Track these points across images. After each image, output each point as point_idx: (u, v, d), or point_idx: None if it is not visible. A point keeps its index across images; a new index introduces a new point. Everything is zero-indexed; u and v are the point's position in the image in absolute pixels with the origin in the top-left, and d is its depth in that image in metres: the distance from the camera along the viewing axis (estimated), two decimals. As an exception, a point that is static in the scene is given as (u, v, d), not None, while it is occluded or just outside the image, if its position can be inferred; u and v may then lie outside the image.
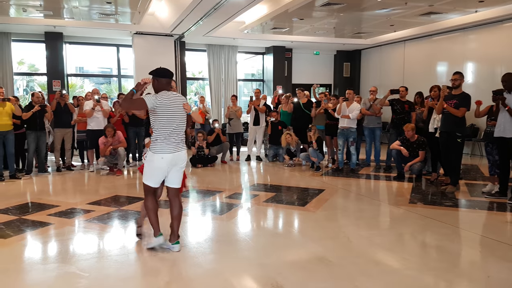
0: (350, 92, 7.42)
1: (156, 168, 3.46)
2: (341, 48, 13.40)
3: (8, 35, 10.32)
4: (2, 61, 10.31)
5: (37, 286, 2.99)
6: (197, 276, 3.11)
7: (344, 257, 3.47)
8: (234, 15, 8.74)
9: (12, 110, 6.69)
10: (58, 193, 6.02)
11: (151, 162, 3.47)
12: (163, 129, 3.43)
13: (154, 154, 3.45)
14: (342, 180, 6.84)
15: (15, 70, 10.91)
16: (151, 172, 3.51)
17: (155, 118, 3.44)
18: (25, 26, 9.78)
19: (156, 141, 3.45)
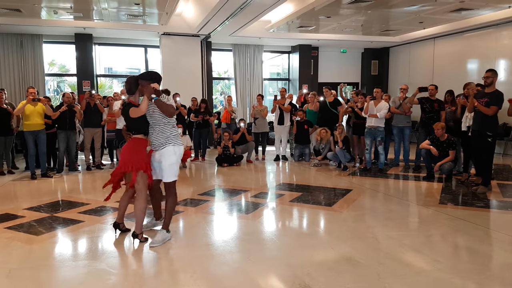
0: (378, 91, 7.28)
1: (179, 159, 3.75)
2: (368, 46, 13.17)
3: (40, 37, 10.66)
4: (34, 62, 10.65)
5: (68, 282, 3.06)
6: (224, 274, 3.11)
7: (373, 258, 3.40)
8: (260, 15, 8.72)
9: (43, 110, 6.90)
10: (88, 192, 6.16)
11: (178, 156, 3.73)
12: (175, 123, 3.80)
13: (180, 147, 3.75)
14: (369, 180, 6.72)
15: (46, 71, 11.25)
16: (177, 166, 3.78)
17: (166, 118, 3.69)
18: (56, 28, 10.07)
19: (175, 136, 3.74)
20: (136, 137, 3.76)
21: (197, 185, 6.66)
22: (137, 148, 3.71)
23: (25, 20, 9.27)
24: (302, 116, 8.54)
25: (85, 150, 7.93)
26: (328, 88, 8.36)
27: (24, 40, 10.51)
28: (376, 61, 13.75)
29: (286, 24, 10.11)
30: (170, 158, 3.67)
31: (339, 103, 8.36)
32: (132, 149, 3.71)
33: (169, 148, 3.66)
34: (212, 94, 12.46)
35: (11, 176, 7.17)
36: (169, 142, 3.67)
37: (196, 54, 11.49)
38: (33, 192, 6.08)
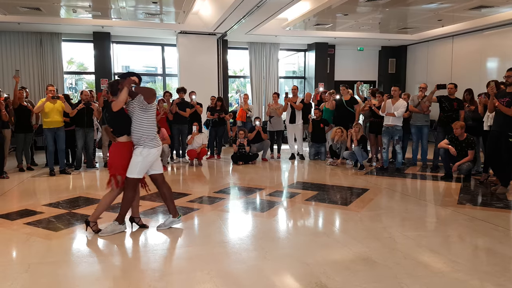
0: (396, 89, 7.17)
1: (150, 161, 3.87)
2: (386, 44, 13.00)
3: (59, 35, 10.83)
4: (53, 60, 10.83)
5: (86, 278, 3.10)
6: (240, 272, 3.11)
7: (390, 258, 3.36)
8: (276, 13, 8.69)
9: (62, 107, 7.02)
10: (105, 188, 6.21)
11: (148, 156, 3.83)
12: (153, 126, 3.90)
13: (151, 149, 3.84)
14: (386, 180, 6.64)
15: (65, 69, 11.42)
16: (143, 165, 3.86)
17: (148, 115, 3.83)
18: (74, 26, 10.22)
19: (150, 138, 3.84)
20: (120, 140, 3.89)
21: (212, 183, 6.68)
22: (121, 153, 3.89)
23: (45, 19, 9.44)
24: (319, 115, 8.48)
25: (102, 147, 8.04)
26: (345, 87, 8.28)
27: (44, 39, 10.71)
28: (394, 59, 13.56)
29: (303, 22, 10.05)
30: (136, 157, 3.84)
31: (356, 101, 8.27)
32: (116, 154, 3.93)
33: (138, 149, 3.84)
34: (228, 92, 12.49)
35: (30, 173, 7.32)
36: (140, 144, 3.83)
37: (212, 53, 11.52)
38: (52, 188, 6.19)
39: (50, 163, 7.15)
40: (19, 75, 7.26)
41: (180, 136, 8.61)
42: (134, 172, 3.85)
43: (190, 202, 5.27)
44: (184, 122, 8.50)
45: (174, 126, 8.42)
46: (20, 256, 3.47)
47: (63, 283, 2.98)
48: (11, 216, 4.62)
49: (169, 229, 4.16)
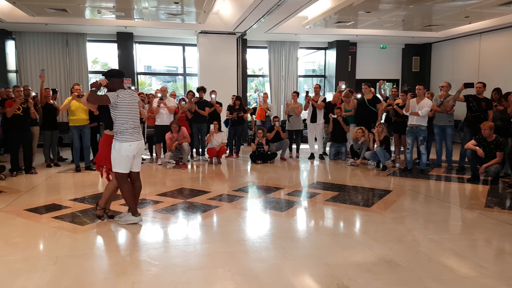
0: (420, 88, 7.00)
1: (125, 155, 3.98)
2: (410, 41, 12.76)
3: (84, 36, 11.09)
4: (78, 60, 11.10)
5: (111, 271, 3.17)
6: (261, 271, 3.12)
7: (413, 261, 3.30)
8: (296, 11, 8.65)
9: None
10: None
11: (120, 151, 3.96)
12: (125, 121, 3.97)
13: (122, 143, 3.95)
14: (410, 181, 6.52)
15: (90, 69, 11.68)
16: (121, 160, 3.99)
17: (117, 112, 3.96)
18: (99, 27, 10.44)
19: (121, 132, 3.96)
20: (106, 133, 4.23)
21: (231, 181, 6.71)
22: (105, 145, 4.19)
23: (71, 20, 9.68)
24: (339, 114, 8.40)
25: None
26: (367, 85, 8.16)
27: (70, 39, 10.98)
28: (418, 57, 13.31)
29: (323, 20, 9.96)
30: (112, 151, 4.04)
31: (378, 100, 8.14)
32: (101, 145, 4.28)
33: (113, 142, 4.03)
34: (246, 91, 12.51)
35: (57, 169, 7.52)
36: (115, 138, 4.01)
37: (232, 52, 11.57)
38: (78, 184, 6.35)
39: (76, 160, 7.34)
40: (44, 75, 7.48)
41: (199, 135, 8.70)
42: (115, 166, 4.03)
43: (209, 199, 5.31)
44: (203, 121, 8.58)
45: (193, 125, 8.52)
46: (48, 249, 3.58)
47: (90, 276, 3.06)
48: (39, 210, 4.77)
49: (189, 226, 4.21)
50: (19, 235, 3.90)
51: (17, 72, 10.87)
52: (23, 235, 3.91)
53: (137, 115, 4.13)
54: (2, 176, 6.53)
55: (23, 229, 4.08)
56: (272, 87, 12.50)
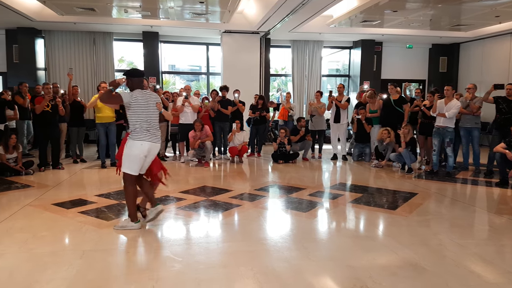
0: (448, 89, 6.81)
1: (135, 155, 3.85)
2: (437, 41, 12.47)
3: (111, 35, 11.31)
4: (105, 58, 11.33)
5: (135, 266, 3.22)
6: (283, 271, 3.10)
7: (440, 265, 3.23)
8: (321, 10, 8.58)
9: (114, 103, 7.32)
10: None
11: (131, 149, 3.86)
12: (138, 121, 3.87)
13: (134, 141, 3.86)
14: (436, 184, 6.36)
15: (116, 67, 11.88)
16: (130, 158, 3.87)
17: (130, 112, 3.90)
18: (125, 26, 10.62)
19: (134, 131, 3.88)
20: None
21: (253, 180, 6.71)
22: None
23: (98, 19, 9.88)
24: (364, 114, 8.28)
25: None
26: (393, 85, 7.99)
27: (97, 38, 11.22)
28: (445, 57, 12.99)
29: (349, 19, 9.83)
30: (125, 148, 3.92)
31: (405, 101, 7.95)
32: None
33: (128, 141, 3.92)
34: (269, 90, 12.50)
35: (83, 165, 7.69)
36: (130, 136, 3.92)
37: (255, 51, 11.58)
38: (103, 180, 6.48)
39: (102, 156, 7.50)
40: (72, 73, 7.66)
41: (221, 134, 8.73)
42: (125, 165, 3.91)
43: (231, 198, 5.32)
44: (226, 119, 8.62)
45: (216, 123, 8.56)
46: (74, 243, 3.67)
47: (115, 270, 3.12)
48: (66, 204, 4.89)
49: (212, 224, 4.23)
50: (46, 228, 4.00)
51: (46, 69, 11.19)
52: (51, 229, 4.01)
53: (153, 116, 3.97)
54: (30, 171, 6.73)
55: (51, 223, 4.19)
56: (295, 87, 12.44)
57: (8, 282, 2.87)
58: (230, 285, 2.87)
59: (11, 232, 3.88)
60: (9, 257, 3.28)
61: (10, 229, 3.98)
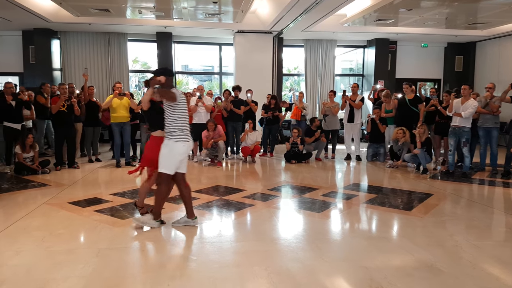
0: (465, 88, 6.69)
1: (176, 155, 3.81)
2: (452, 40, 12.27)
3: (125, 36, 11.41)
4: (119, 59, 11.44)
5: (151, 265, 3.25)
6: (297, 271, 3.09)
7: (456, 267, 3.18)
8: (335, 9, 8.51)
9: (128, 103, 7.40)
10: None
11: (173, 151, 3.79)
12: (183, 120, 3.84)
13: (176, 143, 3.79)
14: (452, 185, 6.27)
15: (130, 68, 12.01)
16: (170, 159, 3.82)
17: (176, 110, 3.79)
18: (139, 26, 10.71)
19: (176, 132, 3.80)
20: (154, 135, 4.05)
21: (265, 180, 6.70)
22: (153, 147, 3.99)
23: (113, 20, 9.99)
24: (378, 114, 8.21)
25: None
26: (408, 84, 7.89)
27: (111, 39, 11.33)
28: (461, 56, 12.77)
29: (363, 17, 9.75)
30: (162, 149, 3.84)
31: (420, 100, 7.83)
32: (148, 147, 4.08)
33: (165, 140, 3.85)
34: (282, 90, 12.46)
35: (98, 164, 7.78)
36: (168, 136, 3.84)
37: (268, 51, 11.57)
38: (118, 179, 6.55)
39: (116, 155, 7.58)
40: (88, 73, 7.74)
41: (234, 133, 8.75)
42: (162, 165, 3.83)
43: (244, 198, 5.33)
44: (238, 119, 8.62)
45: (229, 123, 8.57)
46: (90, 241, 3.71)
47: (130, 269, 3.15)
48: (82, 203, 4.96)
49: (225, 223, 4.24)
50: (63, 227, 4.07)
51: (62, 70, 11.36)
52: (67, 227, 4.07)
53: (187, 116, 3.99)
54: (47, 170, 6.84)
55: (67, 221, 4.26)
56: (308, 86, 12.38)
57: (26, 279, 2.92)
58: (245, 285, 2.88)
59: (29, 230, 3.95)
60: (27, 255, 3.34)
61: (27, 227, 4.05)
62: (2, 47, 10.89)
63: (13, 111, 7.11)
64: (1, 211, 4.64)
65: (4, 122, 7.10)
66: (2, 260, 3.22)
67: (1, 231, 3.88)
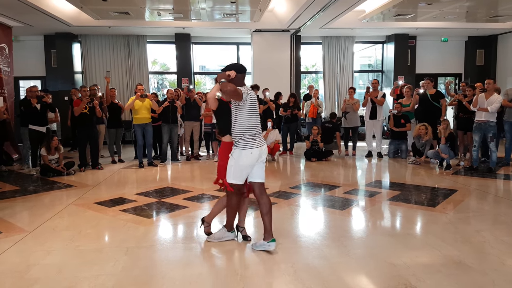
0: (490, 82, 6.57)
1: (244, 164, 3.36)
2: (473, 33, 12.03)
3: (144, 38, 11.59)
4: (139, 60, 11.62)
5: (177, 262, 3.29)
6: (324, 268, 3.09)
7: (485, 263, 3.13)
8: (354, 5, 8.46)
9: (150, 105, 7.52)
10: (189, 180, 6.56)
11: (240, 159, 3.35)
12: (252, 123, 3.36)
13: (243, 150, 3.33)
14: (476, 180, 6.16)
15: (150, 69, 12.19)
16: (240, 169, 3.38)
17: (243, 112, 3.34)
18: (158, 28, 10.87)
19: (244, 136, 3.34)
20: (224, 140, 3.62)
21: (286, 179, 6.70)
22: (223, 154, 3.58)
23: (132, 22, 10.16)
24: (399, 109, 8.11)
25: (185, 142, 8.47)
26: (430, 80, 7.76)
27: (131, 41, 11.52)
28: (482, 50, 12.52)
29: (381, 13, 9.65)
30: (230, 159, 3.43)
31: (442, 95, 7.71)
32: (220, 155, 3.66)
33: (233, 149, 3.43)
34: (299, 88, 12.43)
35: (121, 165, 7.93)
36: (235, 143, 3.40)
37: (285, 49, 11.56)
38: (141, 179, 6.65)
39: (139, 156, 7.71)
40: (109, 76, 7.89)
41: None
42: (230, 175, 3.43)
43: (267, 196, 5.33)
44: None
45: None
46: (118, 240, 3.78)
47: (158, 266, 3.20)
48: (107, 203, 5.06)
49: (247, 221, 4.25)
50: (91, 226, 4.16)
51: (83, 73, 11.61)
52: (95, 226, 4.16)
53: (259, 117, 3.49)
54: (71, 172, 7.00)
55: (94, 221, 4.35)
56: (326, 83, 12.32)
57: (58, 277, 2.99)
58: (272, 282, 2.90)
59: (57, 230, 4.05)
60: (57, 254, 3.43)
61: (56, 227, 4.15)
62: (25, 51, 11.20)
63: (38, 115, 7.31)
64: (30, 212, 4.77)
65: (29, 125, 7.31)
66: (34, 259, 3.31)
67: (31, 232, 3.99)
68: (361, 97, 9.44)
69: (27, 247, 3.59)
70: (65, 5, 8.89)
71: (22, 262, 3.25)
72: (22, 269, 3.12)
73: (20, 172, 7.38)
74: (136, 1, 8.24)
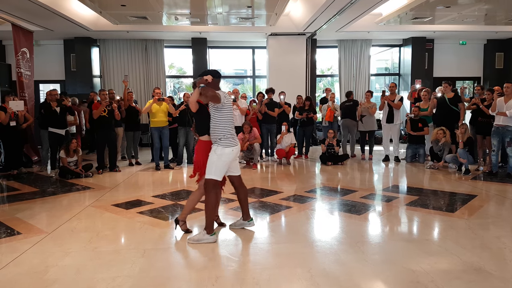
0: (509, 86, 6.44)
1: (225, 160, 3.72)
2: (492, 36, 11.81)
3: (162, 42, 11.73)
4: (156, 65, 11.76)
5: (194, 265, 3.32)
6: (341, 273, 3.07)
7: (506, 270, 3.08)
8: (370, 8, 8.40)
9: (167, 108, 7.61)
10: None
11: (222, 156, 3.69)
12: (229, 123, 3.75)
13: (225, 148, 3.69)
14: (496, 186, 6.04)
15: (167, 73, 12.31)
16: (222, 166, 3.73)
17: (221, 113, 3.71)
18: (175, 33, 10.98)
19: (224, 136, 3.70)
20: (201, 139, 3.90)
21: (301, 182, 6.67)
22: (201, 152, 3.88)
23: (150, 27, 10.30)
24: (417, 113, 8.01)
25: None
26: (448, 83, 7.65)
27: (148, 45, 11.68)
28: (502, 53, 12.27)
29: (398, 16, 9.57)
30: (210, 155, 3.74)
31: (460, 99, 7.61)
32: (197, 152, 3.94)
33: (213, 147, 3.75)
34: (315, 91, 12.39)
35: (138, 167, 8.02)
36: (215, 142, 3.74)
37: (301, 53, 11.54)
38: (158, 181, 6.72)
39: (156, 159, 7.80)
40: (127, 80, 8.01)
41: (269, 135, 8.78)
42: (210, 172, 3.70)
43: (281, 200, 5.34)
44: (272, 121, 8.65)
45: (263, 125, 8.62)
46: (135, 242, 3.82)
47: (175, 268, 3.24)
48: (125, 205, 5.13)
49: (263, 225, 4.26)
50: (108, 228, 4.22)
51: (101, 77, 11.80)
52: (113, 228, 4.22)
53: (233, 119, 3.92)
54: (90, 174, 7.11)
55: (112, 223, 4.41)
56: (342, 87, 12.25)
57: (76, 279, 3.03)
58: (288, 286, 2.89)
59: (76, 232, 4.12)
60: (75, 255, 3.48)
61: (75, 228, 4.23)
62: (45, 56, 11.45)
63: (58, 117, 7.47)
64: (48, 213, 4.86)
65: (49, 128, 7.47)
66: (52, 260, 3.36)
67: (50, 233, 4.06)
68: (377, 100, 9.36)
69: (45, 248, 3.66)
70: (85, 10, 9.08)
71: (41, 263, 3.31)
72: (41, 270, 3.18)
73: (39, 174, 7.53)
74: (154, 6, 8.36)
